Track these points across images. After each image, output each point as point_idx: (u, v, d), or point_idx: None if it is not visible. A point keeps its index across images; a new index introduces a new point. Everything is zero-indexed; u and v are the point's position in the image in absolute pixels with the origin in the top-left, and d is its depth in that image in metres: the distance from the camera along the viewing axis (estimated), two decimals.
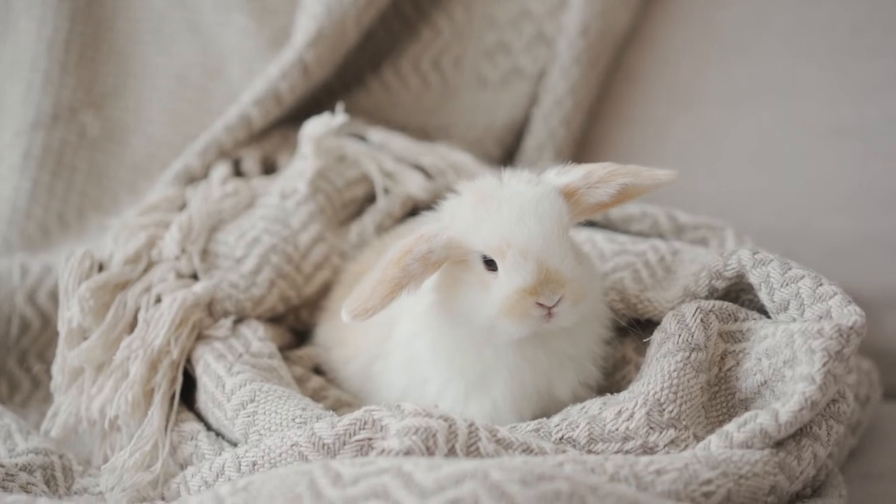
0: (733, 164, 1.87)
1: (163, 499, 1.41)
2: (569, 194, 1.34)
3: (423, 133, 1.88)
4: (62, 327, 1.52)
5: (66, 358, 1.51)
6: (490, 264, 1.31)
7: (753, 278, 1.33)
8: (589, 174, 1.34)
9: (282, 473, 1.16)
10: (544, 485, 1.06)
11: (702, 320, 1.32)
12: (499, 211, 1.30)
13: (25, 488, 1.35)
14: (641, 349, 1.46)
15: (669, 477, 1.17)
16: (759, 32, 1.89)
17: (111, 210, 2.00)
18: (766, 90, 1.86)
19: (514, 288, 1.28)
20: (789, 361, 1.25)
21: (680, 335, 1.31)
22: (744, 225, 1.63)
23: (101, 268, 1.57)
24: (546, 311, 1.29)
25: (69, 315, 1.51)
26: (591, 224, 1.61)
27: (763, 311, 1.36)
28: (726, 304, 1.35)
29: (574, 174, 1.35)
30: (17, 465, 1.43)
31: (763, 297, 1.32)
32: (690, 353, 1.30)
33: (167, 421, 1.46)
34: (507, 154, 1.92)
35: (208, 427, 1.46)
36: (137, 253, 1.58)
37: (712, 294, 1.38)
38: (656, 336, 1.35)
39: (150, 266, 1.58)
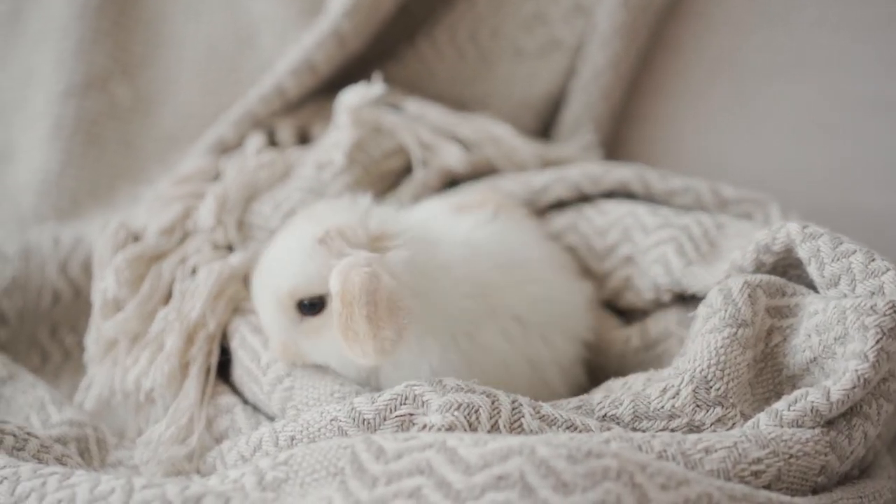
0: (773, 138, 1.84)
1: (198, 472, 1.39)
2: None
3: (458, 104, 1.85)
4: (97, 298, 1.51)
5: (100, 329, 1.49)
6: None
7: (802, 252, 1.30)
8: None
9: (323, 447, 1.14)
10: (592, 461, 1.04)
11: (749, 295, 1.29)
12: None
13: (60, 460, 1.34)
14: (684, 322, 1.44)
15: (718, 455, 1.15)
16: (800, 4, 1.85)
17: (141, 181, 1.98)
18: (807, 62, 1.83)
19: None
20: (841, 338, 1.22)
21: (726, 310, 1.28)
22: (783, 199, 1.60)
23: (135, 239, 1.55)
24: None
25: (104, 286, 1.50)
26: (631, 196, 1.59)
27: (811, 287, 1.33)
28: (774, 278, 1.32)
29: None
30: (51, 436, 1.42)
31: (812, 271, 1.29)
32: (737, 329, 1.27)
33: (203, 394, 1.44)
34: (544, 126, 1.89)
35: (244, 401, 1.44)
36: (172, 224, 1.57)
37: (759, 268, 1.35)
38: (701, 311, 1.32)
39: (185, 237, 1.57)
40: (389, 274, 1.29)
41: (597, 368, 1.52)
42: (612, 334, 1.52)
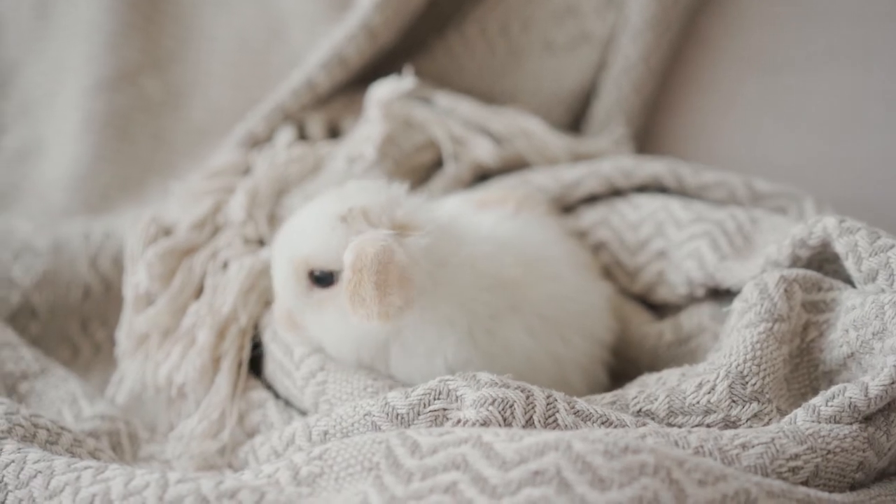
0: (807, 131, 1.83)
1: (230, 467, 1.39)
2: None
3: (487, 98, 1.84)
4: (128, 292, 1.51)
5: (132, 323, 1.49)
6: None
7: (839, 247, 1.29)
8: None
9: (357, 442, 1.14)
10: (629, 457, 1.04)
11: (785, 290, 1.28)
12: None
13: (94, 454, 1.33)
14: (718, 317, 1.43)
15: (755, 451, 1.14)
16: None
17: (171, 174, 1.98)
18: (842, 55, 1.81)
19: None
20: (879, 333, 1.21)
21: (762, 305, 1.27)
22: (817, 193, 1.59)
23: (167, 233, 1.55)
24: None
25: (136, 280, 1.50)
26: (664, 191, 1.58)
27: (847, 282, 1.32)
28: (810, 273, 1.31)
29: None
30: (83, 430, 1.43)
31: (849, 266, 1.28)
32: (773, 324, 1.26)
33: (235, 389, 1.44)
34: (574, 119, 1.88)
35: (276, 395, 1.44)
36: (203, 218, 1.56)
37: (795, 263, 1.34)
38: (737, 305, 1.31)
39: (216, 231, 1.57)
40: (406, 255, 1.29)
41: (629, 363, 1.51)
42: (645, 329, 1.52)
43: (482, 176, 1.67)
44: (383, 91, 1.65)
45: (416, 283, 1.30)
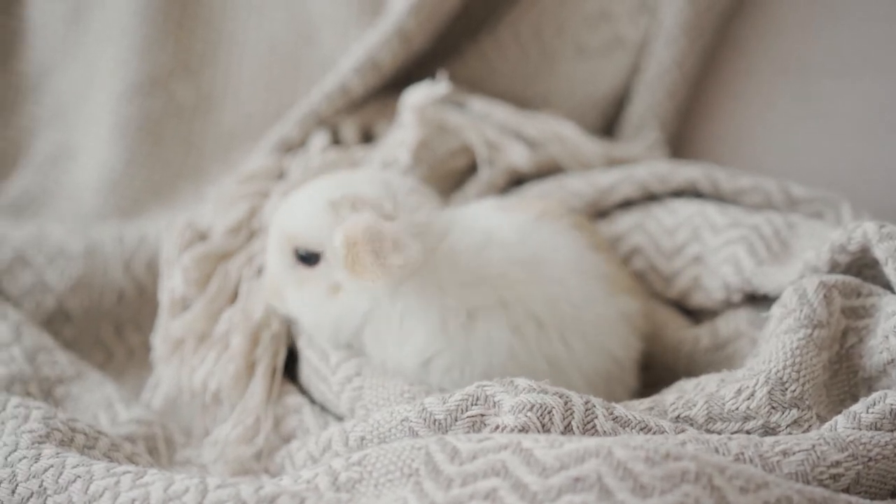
0: (842, 136, 1.82)
1: (267, 472, 1.39)
2: None
3: (520, 102, 1.84)
4: (164, 297, 1.51)
5: (167, 328, 1.50)
6: None
7: (879, 252, 1.28)
8: None
9: (396, 448, 1.13)
10: (670, 464, 1.03)
11: (824, 296, 1.27)
12: None
13: (131, 459, 1.34)
14: (755, 322, 1.43)
15: (796, 458, 1.13)
16: (868, 0, 1.83)
17: (202, 179, 1.99)
18: (876, 60, 1.80)
19: None
20: None
21: (801, 311, 1.27)
22: (853, 198, 1.58)
23: (202, 237, 1.55)
24: None
25: (172, 285, 1.50)
26: (699, 196, 1.57)
27: (887, 288, 1.31)
28: (849, 278, 1.30)
29: None
30: (120, 435, 1.43)
31: (889, 272, 1.27)
32: (813, 330, 1.25)
33: (269, 394, 1.44)
34: (607, 124, 1.88)
35: (312, 401, 1.44)
36: (238, 223, 1.57)
37: (834, 268, 1.33)
38: (776, 311, 1.30)
39: (251, 236, 1.57)
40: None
41: (665, 369, 1.51)
42: (681, 334, 1.51)
43: (517, 181, 1.67)
44: (417, 96, 1.64)
45: (411, 246, 1.32)
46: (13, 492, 1.20)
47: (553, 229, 1.44)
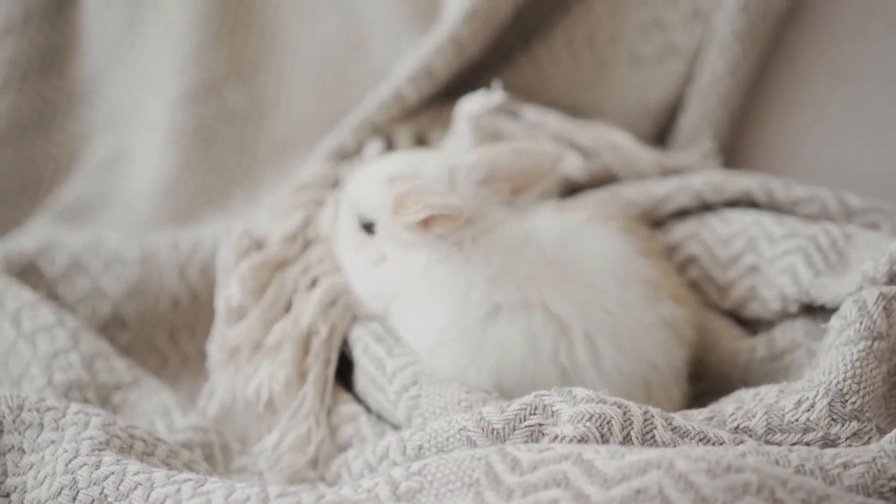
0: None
1: (323, 480, 1.40)
2: None
3: (572, 110, 1.84)
4: (220, 305, 1.52)
5: (223, 336, 1.50)
6: None
7: None
8: None
9: (457, 458, 1.13)
10: (732, 476, 1.03)
11: (884, 307, 1.27)
12: None
13: (189, 466, 1.34)
14: (812, 333, 1.42)
15: (857, 471, 1.12)
16: None
17: (254, 185, 2.00)
18: None
19: None
20: None
21: (861, 322, 1.26)
22: None
23: (258, 246, 1.56)
24: None
25: (228, 293, 1.51)
26: (754, 205, 1.57)
27: None
28: None
29: None
30: (177, 441, 1.43)
31: None
32: (873, 342, 1.25)
33: (321, 402, 1.44)
34: (660, 132, 1.87)
35: (368, 409, 1.44)
36: (294, 232, 1.57)
37: (892, 280, 1.32)
38: (835, 322, 1.30)
39: (307, 245, 1.57)
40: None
41: (721, 379, 1.50)
42: (737, 344, 1.50)
43: (571, 190, 1.66)
44: (472, 105, 1.65)
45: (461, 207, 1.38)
46: (74, 498, 1.21)
47: (599, 232, 1.43)
